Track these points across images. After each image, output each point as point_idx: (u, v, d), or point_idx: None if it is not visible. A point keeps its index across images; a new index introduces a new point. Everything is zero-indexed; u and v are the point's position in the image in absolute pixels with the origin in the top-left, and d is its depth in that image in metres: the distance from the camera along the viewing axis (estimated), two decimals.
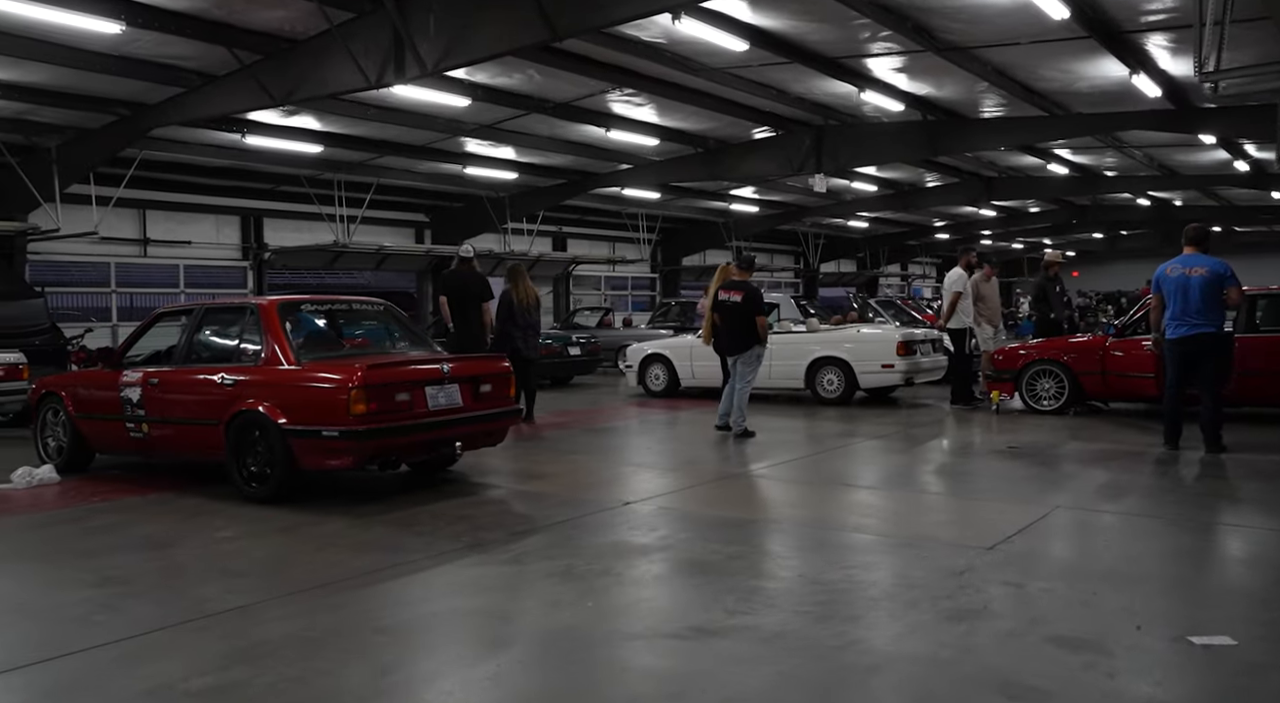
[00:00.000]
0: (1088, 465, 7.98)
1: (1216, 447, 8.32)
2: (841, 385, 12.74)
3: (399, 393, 6.60)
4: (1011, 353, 11.82)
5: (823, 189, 16.76)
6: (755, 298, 9.91)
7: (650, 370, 14.54)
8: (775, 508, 6.54)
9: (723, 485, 7.27)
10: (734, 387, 10.00)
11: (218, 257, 18.55)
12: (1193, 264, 8.38)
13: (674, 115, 15.67)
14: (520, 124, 15.42)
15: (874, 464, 8.33)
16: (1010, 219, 31.48)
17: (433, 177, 18.98)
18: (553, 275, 26.11)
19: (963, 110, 15.14)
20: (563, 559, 5.11)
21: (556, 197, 20.66)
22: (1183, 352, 8.40)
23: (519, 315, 11.11)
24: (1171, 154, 19.20)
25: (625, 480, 7.51)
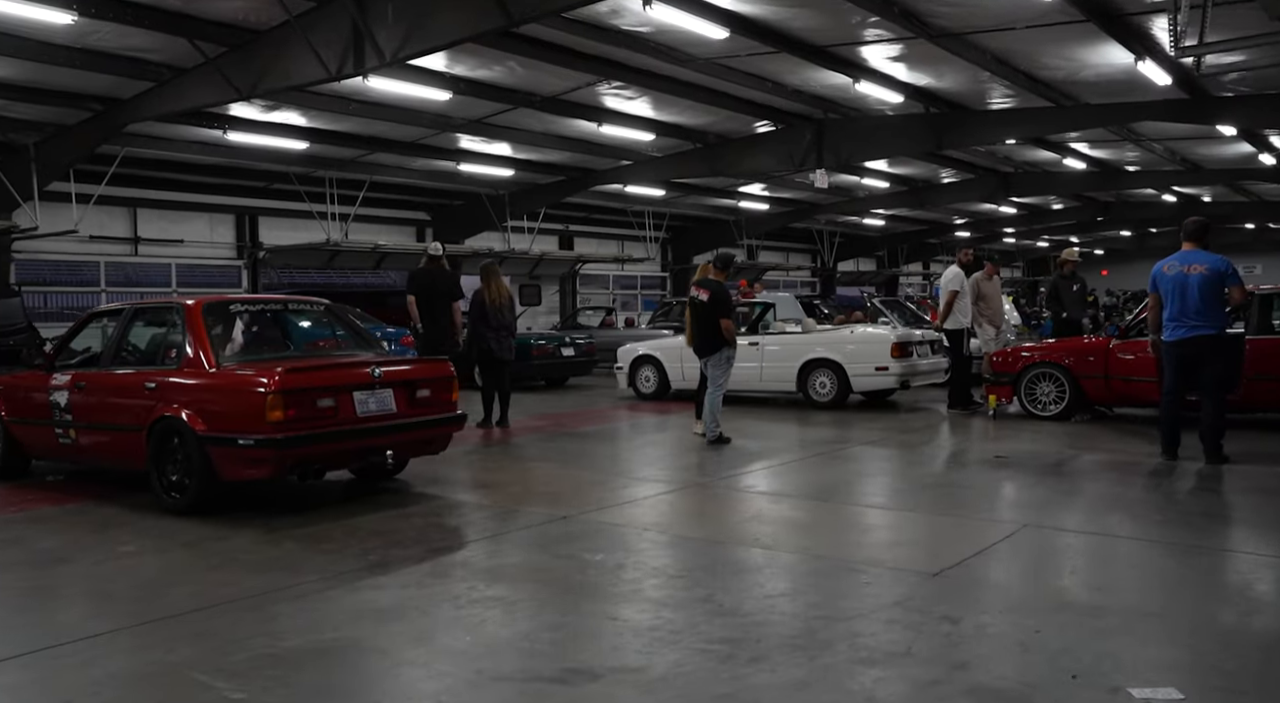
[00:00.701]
0: (1074, 478, 7.43)
1: (1217, 457, 7.74)
2: (834, 388, 12.22)
3: (322, 398, 6.19)
4: (1010, 355, 11.25)
5: (824, 185, 16.23)
6: (720, 299, 9.45)
7: (640, 372, 14.09)
8: (720, 525, 6.06)
9: (677, 498, 6.81)
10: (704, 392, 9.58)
11: (212, 256, 18.33)
12: (1191, 261, 7.80)
13: (669, 109, 15.22)
14: (510, 119, 15.03)
15: (845, 475, 7.82)
16: (1032, 216, 30.66)
17: (428, 174, 18.65)
18: (558, 274, 25.73)
19: (967, 102, 14.54)
20: (466, 582, 4.68)
21: (557, 194, 20.26)
22: (1180, 355, 7.83)
23: (491, 316, 10.70)
24: (1193, 147, 18.44)
25: (576, 491, 7.07)
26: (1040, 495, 6.75)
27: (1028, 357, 11.00)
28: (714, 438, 9.29)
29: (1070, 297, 12.88)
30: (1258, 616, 4.16)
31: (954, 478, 7.51)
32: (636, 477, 7.62)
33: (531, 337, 16.08)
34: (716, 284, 9.55)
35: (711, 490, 7.05)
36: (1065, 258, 13.12)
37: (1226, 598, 4.40)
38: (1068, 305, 12.83)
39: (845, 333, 12.61)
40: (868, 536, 5.62)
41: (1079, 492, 6.88)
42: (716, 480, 7.40)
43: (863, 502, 6.62)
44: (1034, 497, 6.72)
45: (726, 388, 9.47)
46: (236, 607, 4.37)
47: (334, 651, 3.81)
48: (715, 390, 9.37)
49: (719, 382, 9.38)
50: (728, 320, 9.32)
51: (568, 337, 16.64)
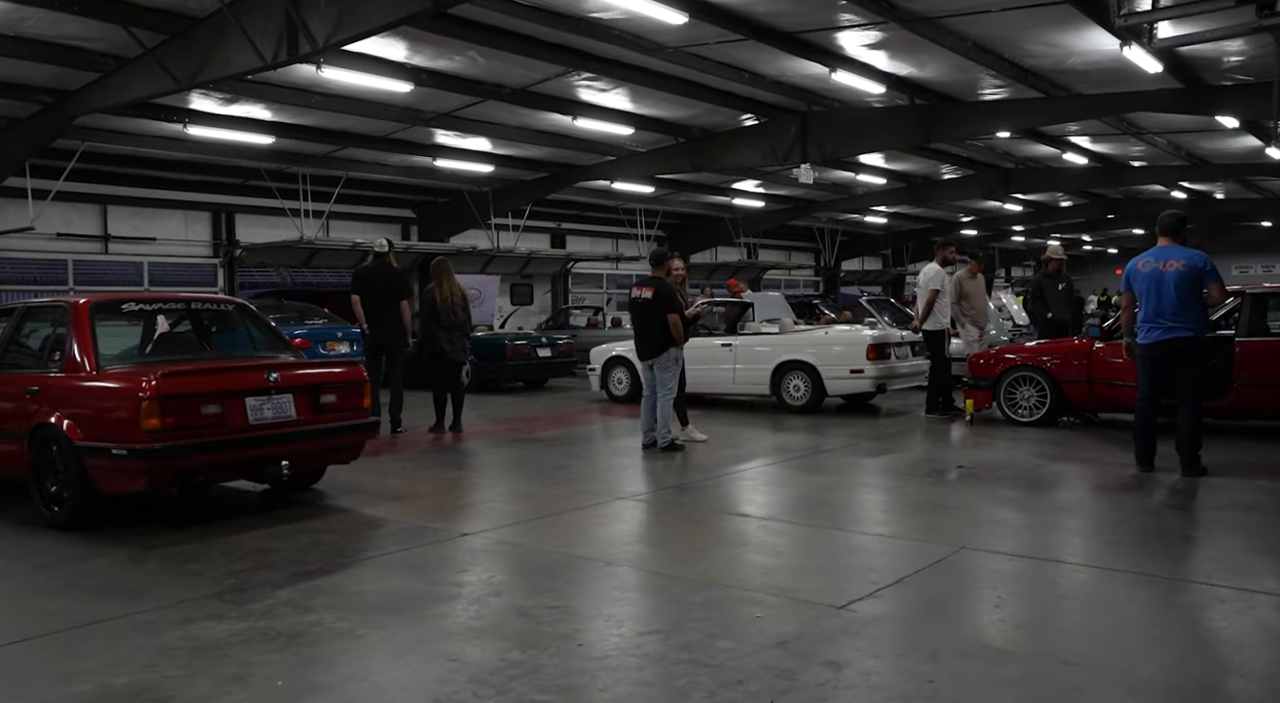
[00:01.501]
0: (1036, 491, 6.87)
1: (1194, 469, 7.17)
2: (808, 392, 11.68)
3: (206, 405, 5.74)
4: (989, 358, 10.68)
5: (809, 180, 15.66)
6: (665, 295, 8.95)
7: (613, 374, 13.61)
8: (627, 545, 5.56)
9: (601, 513, 6.30)
10: (647, 398, 9.06)
11: (187, 254, 17.95)
12: (1167, 257, 7.23)
13: (646, 102, 14.70)
14: (481, 112, 14.56)
15: (789, 488, 7.29)
16: (1040, 214, 29.93)
17: (406, 170, 18.19)
18: (550, 274, 25.26)
19: (956, 93, 13.94)
20: (315, 614, 4.20)
21: (541, 190, 19.77)
22: (1156, 358, 7.27)
23: (443, 315, 10.23)
24: (1196, 141, 17.74)
25: (492, 505, 6.59)
26: (991, 512, 6.21)
27: (1007, 360, 10.43)
28: (664, 445, 8.81)
29: (1056, 296, 12.28)
30: (1214, 671, 3.57)
31: (907, 491, 6.97)
32: (570, 488, 7.13)
33: (506, 337, 15.63)
34: (659, 280, 9.05)
35: (642, 506, 6.54)
36: (1049, 256, 12.54)
37: (1176, 645, 3.85)
38: (1053, 305, 12.24)
39: (819, 334, 12.07)
40: (785, 559, 5.10)
41: (1035, 507, 6.33)
42: (654, 494, 6.89)
43: (798, 518, 6.09)
44: (984, 513, 6.17)
45: (675, 391, 8.98)
46: (45, 643, 3.92)
47: (114, 698, 3.34)
48: (666, 396, 8.88)
49: (669, 386, 8.88)
50: (675, 316, 8.81)
51: (545, 337, 16.17)
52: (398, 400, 10.15)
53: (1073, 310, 12.80)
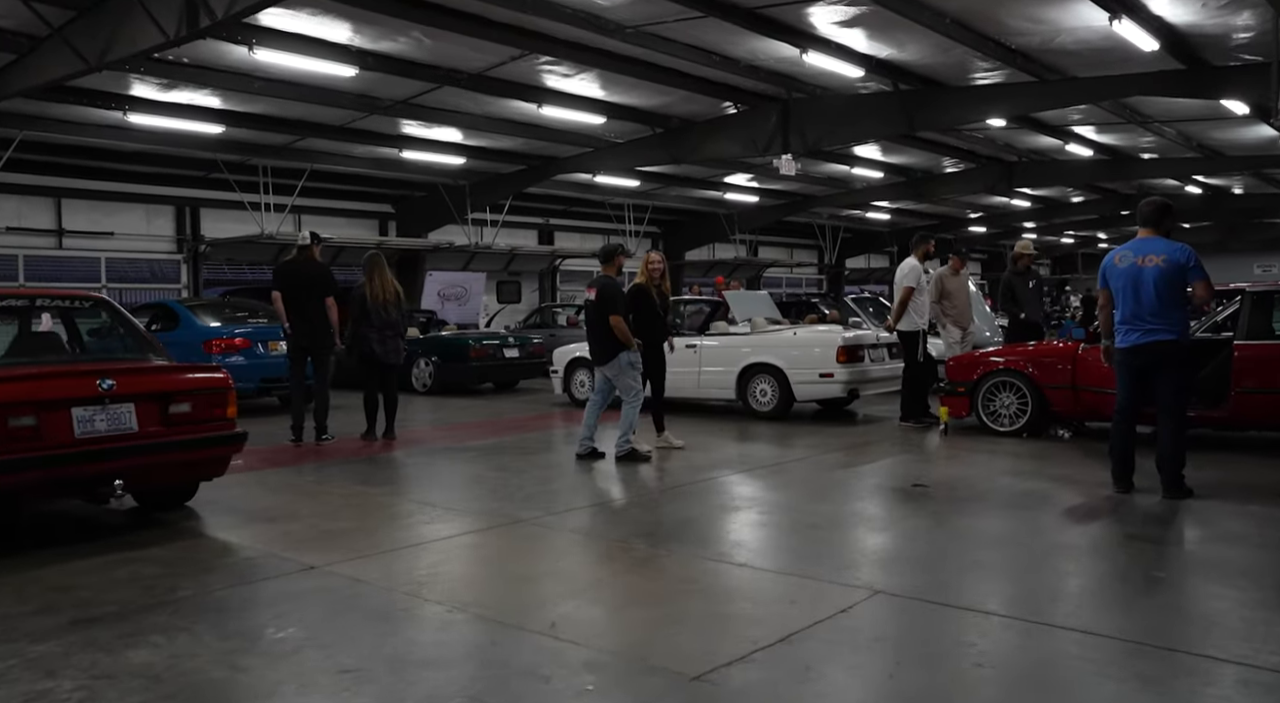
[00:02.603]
0: (992, 517, 6.03)
1: (1177, 490, 6.30)
2: (775, 397, 10.85)
3: (17, 416, 4.99)
4: (966, 361, 9.81)
5: (790, 171, 14.82)
6: (606, 294, 8.17)
7: (575, 376, 12.82)
8: (480, 584, 4.78)
9: (479, 541, 5.52)
10: (594, 402, 8.31)
11: (148, 249, 17.32)
12: (1146, 251, 6.37)
13: (617, 89, 13.91)
14: (441, 100, 13.81)
15: (717, 509, 6.47)
16: (1050, 210, 28.89)
17: (375, 162, 17.48)
18: (537, 271, 24.52)
19: (942, 77, 13.07)
20: (55, 680, 3.44)
21: (519, 183, 19.01)
22: (1134, 365, 6.41)
23: (374, 314, 9.47)
24: (1207, 131, 16.75)
25: (371, 530, 5.81)
26: (930, 544, 5.36)
27: (985, 363, 9.57)
28: (624, 453, 8.05)
29: (1027, 295, 11.40)
30: None
31: (845, 515, 6.14)
32: (472, 508, 6.34)
33: (469, 336, 14.88)
34: (606, 279, 8.29)
35: (538, 531, 5.74)
36: (1019, 251, 11.63)
37: None
38: (1024, 304, 11.37)
39: (788, 335, 11.21)
40: (661, 606, 4.28)
41: (983, 538, 5.49)
42: (560, 516, 6.09)
43: (706, 549, 5.28)
44: (921, 545, 5.33)
45: (640, 398, 8.19)
46: None
47: None
48: (632, 403, 8.11)
49: (632, 392, 8.12)
50: (616, 316, 8.03)
51: (513, 337, 15.39)
52: (323, 406, 9.40)
53: (1044, 309, 11.89)
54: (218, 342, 11.60)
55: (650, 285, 8.81)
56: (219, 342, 11.59)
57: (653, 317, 8.77)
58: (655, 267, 8.94)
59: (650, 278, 8.83)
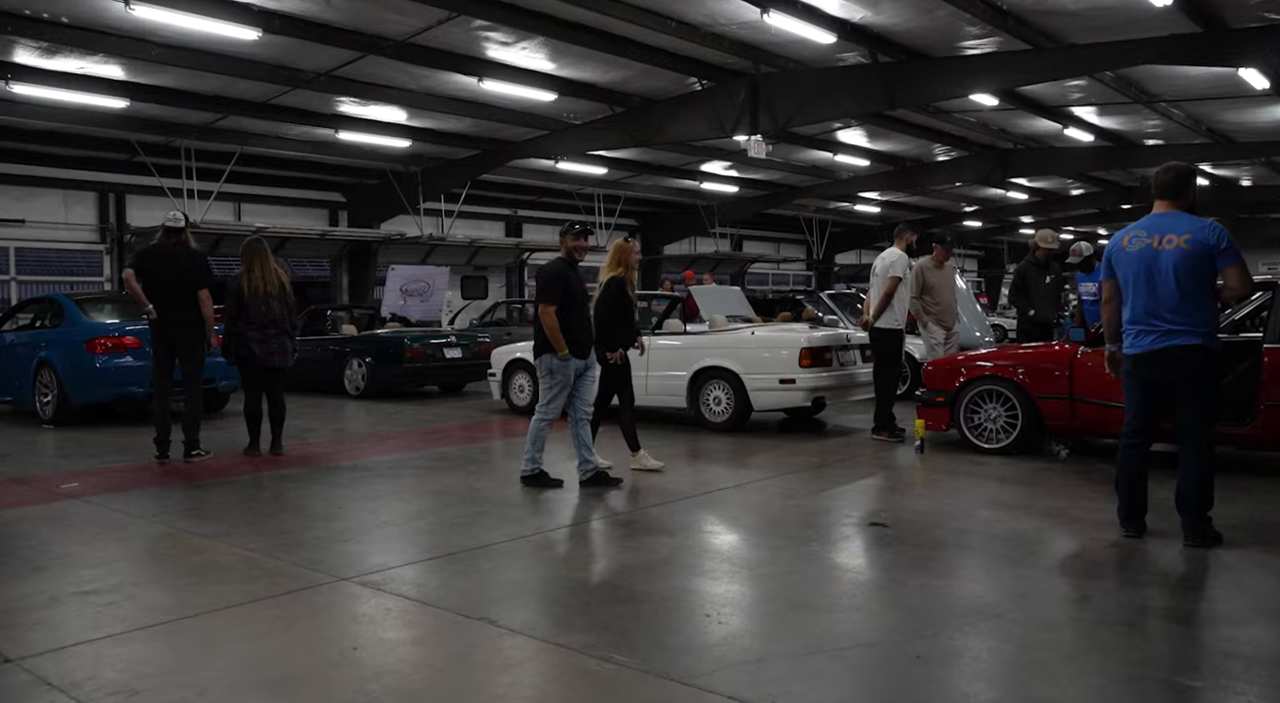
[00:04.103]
0: (962, 574, 4.65)
1: (1201, 535, 4.95)
2: (731, 406, 9.48)
3: None
4: (946, 367, 8.44)
5: (760, 154, 13.45)
6: (540, 279, 6.82)
7: (514, 380, 11.45)
8: (219, 671, 3.42)
9: (259, 615, 4.14)
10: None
11: (67, 239, 15.93)
12: (1165, 230, 4.99)
13: (567, 60, 12.55)
14: (370, 72, 12.45)
15: (599, 559, 5.09)
16: (1048, 203, 27.53)
17: (312, 145, 16.10)
18: (504, 265, 23.14)
19: (927, 46, 11.70)
20: None
21: (473, 170, 17.63)
22: (1148, 376, 5.04)
23: (254, 309, 8.08)
24: (1219, 113, 15.37)
25: (132, 595, 4.44)
26: (874, 622, 3.98)
27: (969, 369, 8.20)
28: (530, 472, 6.77)
29: (1042, 291, 10.01)
30: None
31: (770, 568, 4.75)
32: (298, 558, 4.96)
33: (405, 335, 13.49)
34: (549, 263, 6.91)
35: (341, 598, 4.34)
36: (1037, 242, 10.22)
37: None
38: (1037, 301, 9.97)
39: (744, 334, 9.83)
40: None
41: (947, 608, 4.10)
42: (391, 571, 4.71)
43: (531, 625, 3.91)
44: (861, 626, 3.95)
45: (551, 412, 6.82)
46: None
47: None
48: (540, 414, 6.79)
49: (545, 400, 6.80)
50: (545, 306, 6.66)
51: (456, 336, 14.01)
52: (192, 416, 8.02)
53: (1060, 308, 10.51)
54: (102, 340, 10.21)
55: (630, 279, 7.44)
56: (104, 340, 10.21)
57: (629, 316, 7.41)
58: (636, 257, 7.57)
59: (628, 270, 7.40)
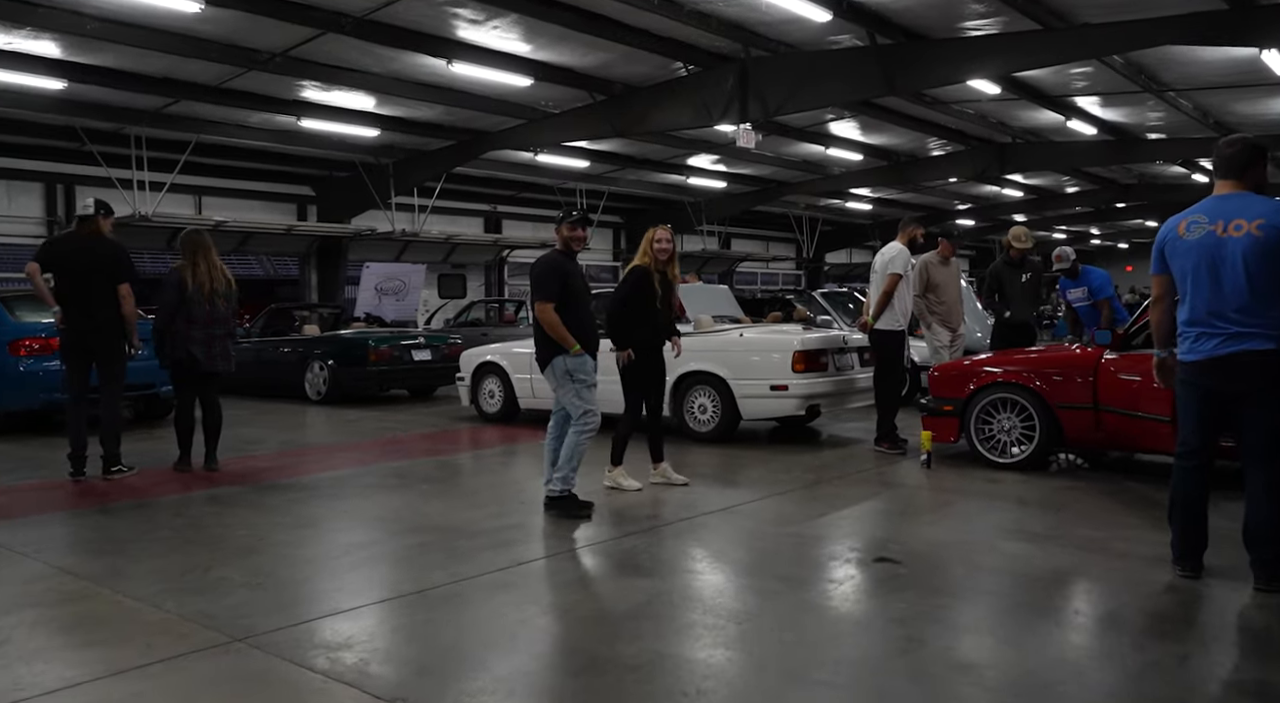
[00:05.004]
0: (991, 628, 3.83)
1: (1275, 575, 4.15)
2: (718, 415, 8.66)
3: None
4: (954, 373, 7.63)
5: (750, 145, 12.64)
6: (536, 273, 5.94)
7: (485, 385, 10.60)
8: None
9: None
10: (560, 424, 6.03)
11: (9, 232, 14.97)
12: (1231, 215, 4.20)
13: (543, 41, 11.70)
14: (331, 53, 11.58)
15: (562, 608, 4.26)
16: (1043, 201, 26.84)
17: (274, 134, 15.19)
18: (483, 262, 22.27)
19: (926, 26, 10.91)
20: None
21: (448, 162, 16.75)
22: (1209, 388, 4.24)
23: (195, 306, 7.20)
24: (1230, 103, 14.62)
25: None
26: (847, 694, 3.16)
27: (981, 375, 7.40)
28: (559, 492, 5.80)
29: (1017, 290, 9.28)
30: None
31: (774, 625, 3.94)
32: (187, 611, 4.11)
33: (370, 337, 12.61)
34: (545, 255, 6.06)
35: (198, 669, 3.47)
36: (1010, 240, 9.50)
37: None
38: (1012, 301, 9.24)
39: (732, 336, 9.00)
40: None
41: (978, 678, 3.28)
42: (306, 624, 3.86)
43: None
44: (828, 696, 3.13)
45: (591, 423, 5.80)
46: None
47: None
48: (578, 429, 5.78)
49: (579, 414, 5.78)
50: (541, 303, 5.80)
51: (425, 337, 13.14)
52: (111, 427, 7.13)
53: (1037, 308, 9.80)
54: (28, 342, 9.32)
55: (654, 269, 6.55)
56: (30, 342, 9.32)
57: (650, 311, 6.54)
58: (662, 245, 6.58)
59: (655, 259, 6.58)
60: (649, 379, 6.66)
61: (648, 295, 6.50)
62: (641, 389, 6.62)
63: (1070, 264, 9.44)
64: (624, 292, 6.61)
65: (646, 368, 6.59)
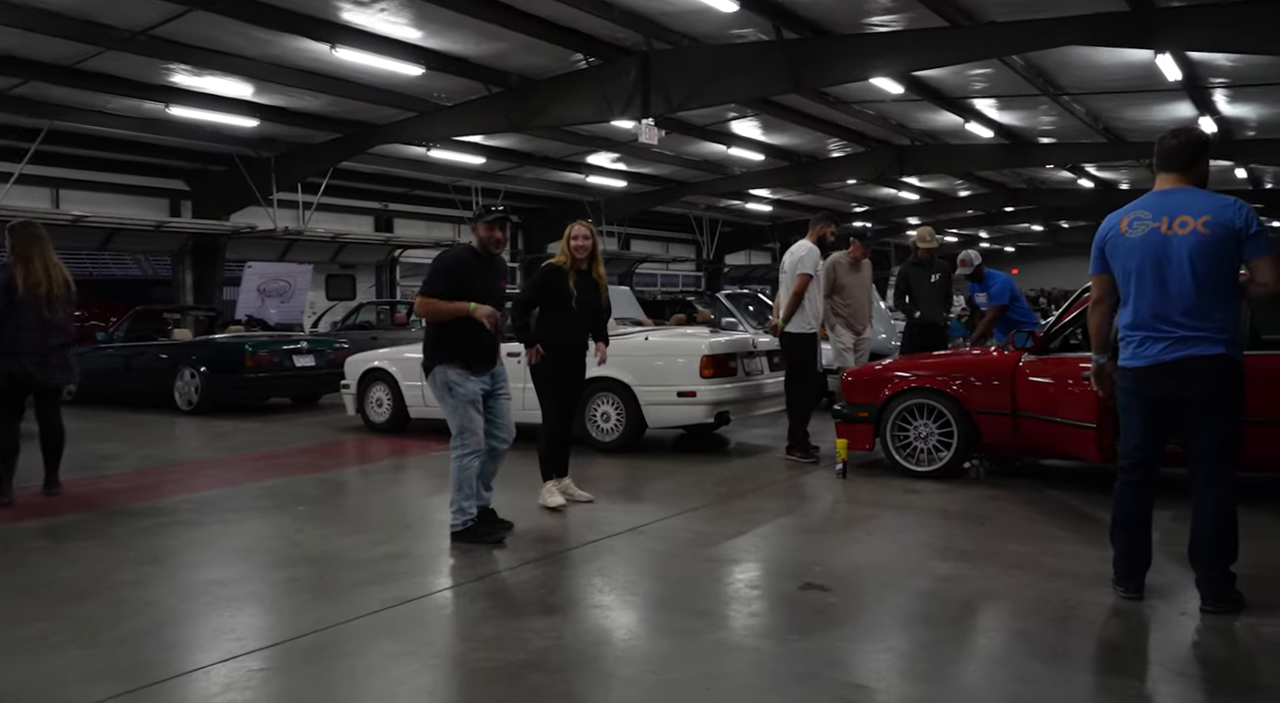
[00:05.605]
0: (937, 663, 3.44)
1: (1223, 597, 3.90)
2: (621, 423, 8.17)
3: None
4: (869, 378, 7.33)
5: (651, 140, 12.20)
6: (431, 268, 5.31)
7: (372, 393, 9.87)
8: None
9: None
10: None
11: None
12: (1176, 210, 3.90)
13: (434, 27, 11.04)
14: (201, 33, 10.67)
15: (440, 662, 3.69)
16: (937, 205, 27.26)
17: (141, 122, 14.04)
18: (373, 263, 21.31)
19: (833, 21, 10.67)
20: None
21: (333, 155, 15.84)
22: (1154, 396, 3.95)
23: (28, 311, 6.31)
24: (1120, 108, 14.89)
25: None
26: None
27: (896, 380, 7.10)
28: (460, 526, 5.13)
29: (926, 290, 9.17)
30: None
31: (681, 666, 3.46)
32: None
33: (247, 341, 11.70)
34: (448, 250, 5.55)
35: None
36: (916, 241, 9.40)
37: None
38: (921, 302, 9.14)
39: (637, 340, 8.53)
40: None
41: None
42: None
43: None
44: None
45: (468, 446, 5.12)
46: None
47: None
48: (455, 451, 5.14)
49: (454, 434, 5.16)
50: (420, 298, 5.19)
51: (306, 341, 12.27)
52: None
53: (946, 309, 9.74)
54: None
55: (569, 269, 5.95)
56: None
57: (565, 312, 5.96)
58: (579, 243, 5.97)
59: (573, 257, 5.97)
60: (567, 386, 6.14)
61: (561, 295, 5.95)
62: (560, 397, 6.09)
63: (974, 269, 9.33)
64: (527, 290, 6.12)
65: (563, 374, 6.07)
